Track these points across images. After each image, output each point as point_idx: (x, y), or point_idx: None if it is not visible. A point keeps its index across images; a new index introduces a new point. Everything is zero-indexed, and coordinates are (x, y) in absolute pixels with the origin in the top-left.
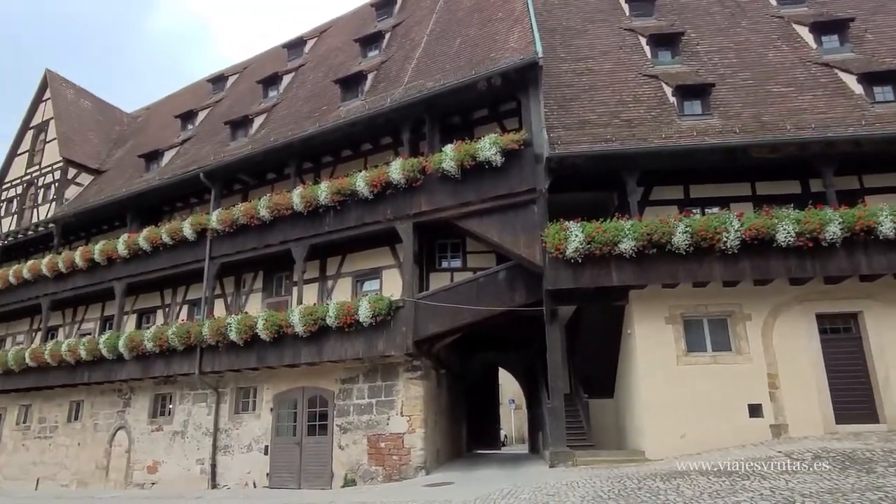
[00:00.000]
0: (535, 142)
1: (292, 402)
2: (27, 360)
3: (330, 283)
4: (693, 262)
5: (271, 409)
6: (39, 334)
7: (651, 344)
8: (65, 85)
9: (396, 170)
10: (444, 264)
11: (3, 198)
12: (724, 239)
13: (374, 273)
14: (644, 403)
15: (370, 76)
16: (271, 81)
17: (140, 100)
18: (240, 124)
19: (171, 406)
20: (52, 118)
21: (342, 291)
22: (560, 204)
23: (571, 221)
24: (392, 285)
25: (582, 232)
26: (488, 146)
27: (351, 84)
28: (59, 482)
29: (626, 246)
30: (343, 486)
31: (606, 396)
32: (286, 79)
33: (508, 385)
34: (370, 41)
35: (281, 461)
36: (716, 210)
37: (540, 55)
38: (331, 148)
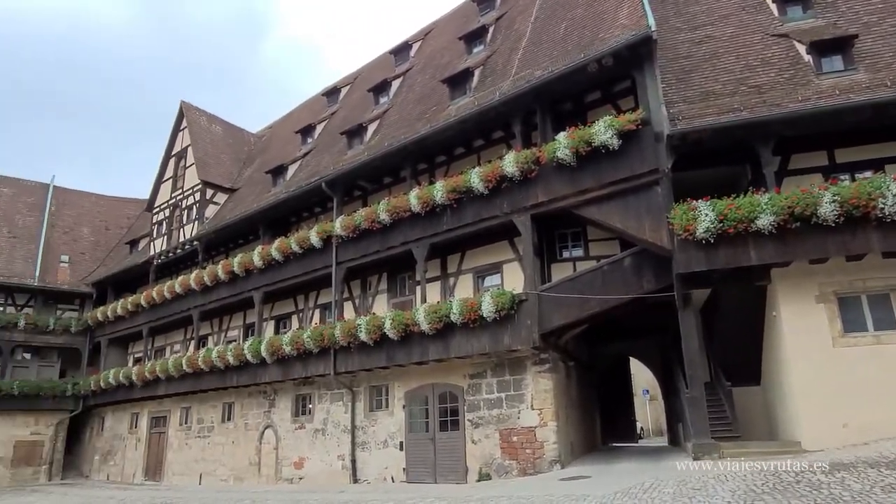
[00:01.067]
0: (653, 120)
1: (423, 399)
2: (184, 367)
3: (451, 280)
4: (845, 234)
5: (403, 406)
6: (193, 343)
7: (801, 326)
8: (198, 113)
9: (510, 163)
10: (566, 254)
11: (154, 221)
12: (881, 205)
13: (495, 268)
14: (797, 390)
15: (477, 72)
16: (381, 88)
17: (262, 120)
18: (355, 133)
19: (310, 405)
20: (189, 145)
21: (464, 288)
22: (685, 183)
23: (700, 200)
24: (513, 279)
25: (713, 210)
26: (603, 129)
27: (458, 82)
28: (219, 477)
29: (765, 221)
30: (478, 481)
31: (752, 384)
32: (395, 84)
33: (641, 375)
34: (474, 37)
35: (416, 456)
36: (868, 174)
37: (653, 29)
38: (443, 147)
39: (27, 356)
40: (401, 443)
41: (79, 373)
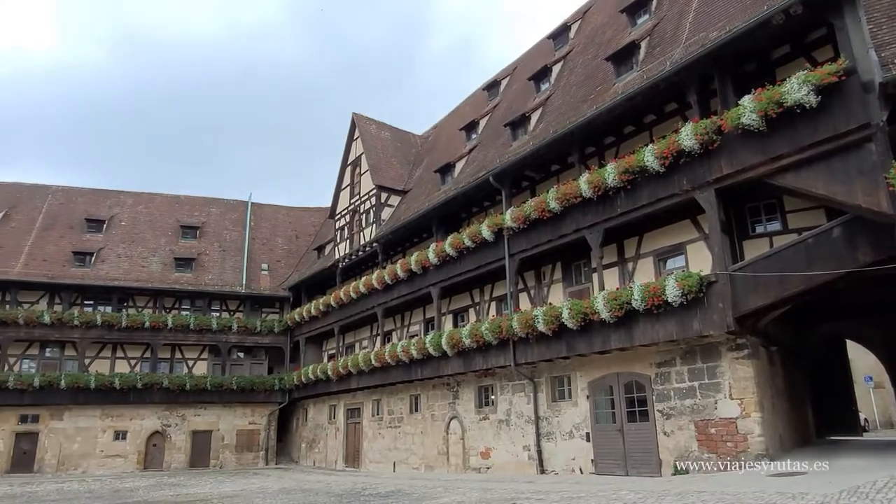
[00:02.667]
0: (860, 68)
1: (607, 389)
2: (373, 361)
3: (630, 265)
4: None
5: (587, 397)
6: (378, 338)
7: None
8: (367, 122)
9: (688, 135)
10: (759, 229)
11: (336, 227)
12: None
13: (677, 249)
14: None
15: (643, 44)
16: (542, 75)
17: (427, 121)
18: (518, 123)
19: (493, 397)
20: (362, 153)
21: (644, 272)
22: None
23: None
24: (699, 260)
25: None
26: (797, 87)
27: (624, 57)
28: (411, 465)
29: None
30: (674, 474)
31: None
32: (556, 69)
33: (862, 359)
34: (637, 7)
35: (604, 448)
36: None
37: None
38: (611, 128)
39: (240, 355)
40: (587, 433)
41: (283, 369)
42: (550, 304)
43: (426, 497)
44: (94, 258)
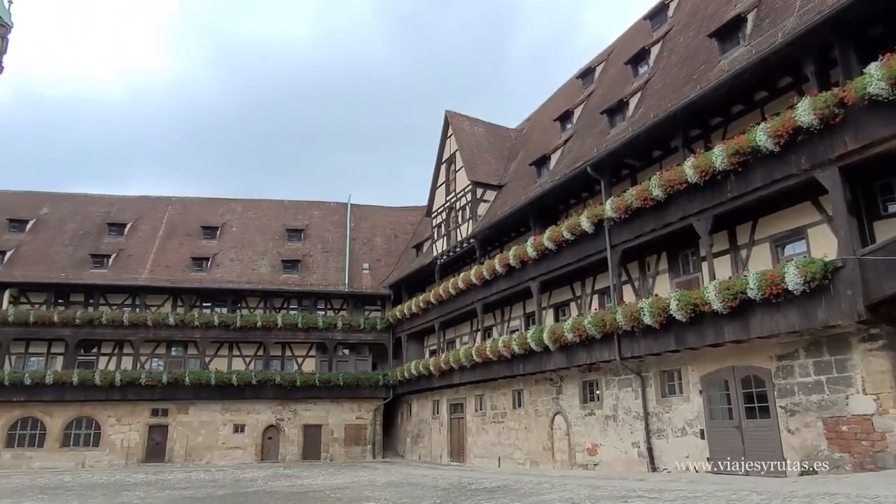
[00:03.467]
0: None
1: (722, 384)
2: (474, 357)
3: (743, 252)
4: None
5: (700, 392)
6: (479, 334)
7: None
8: (461, 119)
9: (805, 110)
10: (893, 208)
11: (433, 225)
12: None
13: (796, 234)
14: None
15: (750, 16)
16: (640, 58)
17: (519, 114)
18: (616, 110)
19: (598, 392)
20: (456, 150)
21: (759, 260)
22: None
23: None
24: (822, 244)
25: None
26: None
27: (729, 32)
28: (516, 461)
29: None
30: (801, 475)
31: None
32: (654, 50)
33: None
34: None
35: (720, 445)
36: None
37: None
38: (718, 108)
39: (346, 352)
40: (701, 430)
41: (386, 365)
42: (657, 295)
43: (532, 493)
44: (209, 263)
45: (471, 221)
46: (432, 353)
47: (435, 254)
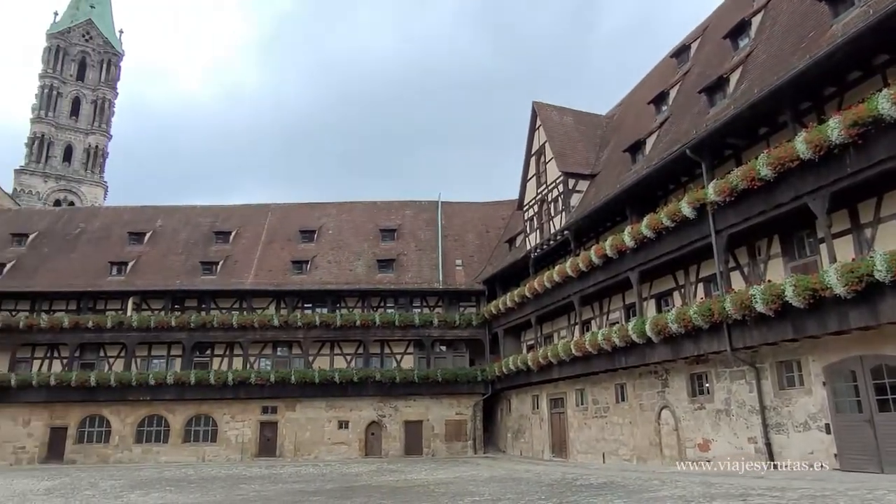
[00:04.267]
0: None
1: (849, 374)
2: (573, 351)
3: (868, 231)
4: None
5: (823, 383)
6: (577, 327)
7: None
8: (549, 109)
9: None
10: None
11: (525, 218)
12: None
13: None
14: None
15: None
16: (739, 31)
17: (608, 101)
18: (715, 88)
19: (707, 385)
20: (545, 141)
21: (887, 239)
22: None
23: None
24: None
25: None
26: None
27: None
28: (621, 457)
29: None
30: None
31: None
32: (755, 21)
33: None
34: None
35: (849, 441)
36: None
37: None
38: (831, 77)
39: (443, 348)
40: (826, 425)
41: (483, 361)
42: (769, 281)
43: (642, 490)
44: (309, 265)
45: (564, 213)
46: (530, 347)
47: (528, 247)
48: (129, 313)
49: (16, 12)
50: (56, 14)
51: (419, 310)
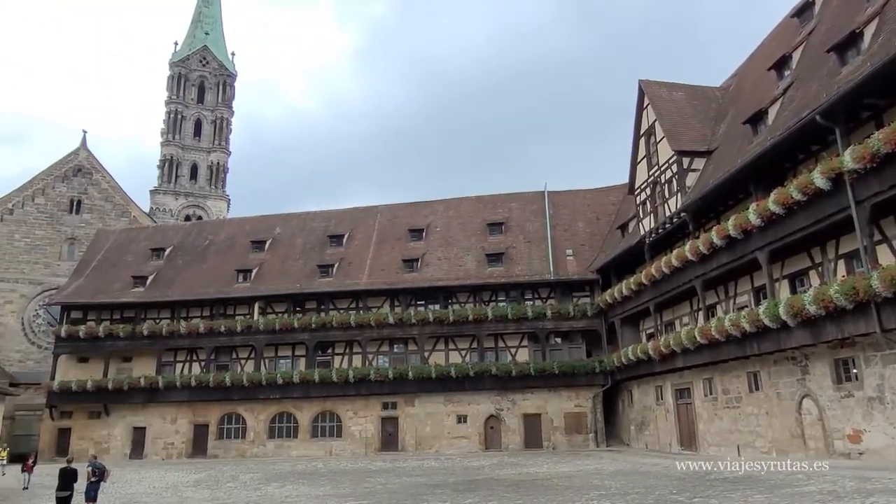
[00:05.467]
0: None
1: None
2: (697, 338)
3: None
4: None
5: None
6: (700, 313)
7: None
8: (657, 87)
9: None
10: None
11: (637, 202)
12: None
13: None
14: None
15: None
16: None
17: (722, 72)
18: (847, 44)
19: (855, 370)
20: (655, 120)
21: None
22: None
23: None
24: None
25: None
26: None
27: None
28: (759, 449)
29: None
30: None
31: None
32: None
33: None
34: None
35: None
36: None
37: None
38: None
39: (558, 340)
40: None
41: (601, 352)
42: None
43: (784, 485)
44: (419, 263)
45: (679, 194)
46: (650, 336)
47: (642, 233)
48: (255, 317)
49: (140, 48)
50: (176, 44)
51: (531, 302)
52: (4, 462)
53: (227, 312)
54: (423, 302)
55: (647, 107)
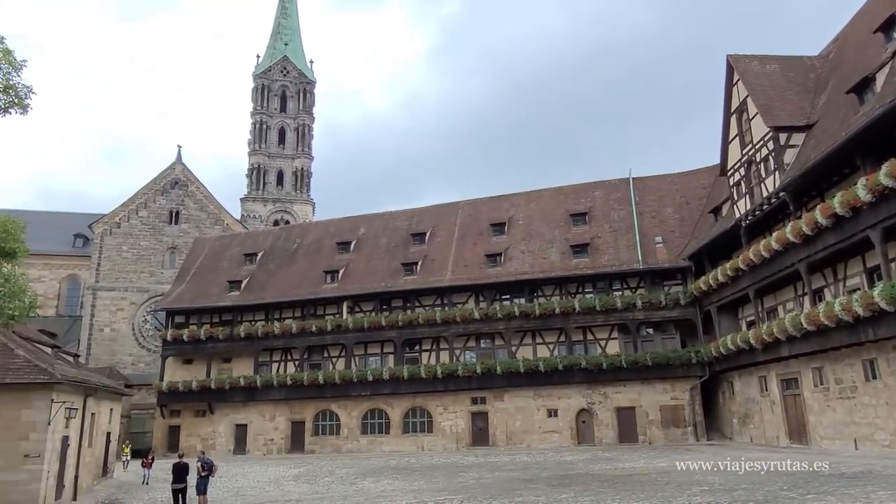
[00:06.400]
0: None
1: None
2: (804, 324)
3: None
4: None
5: None
6: (806, 298)
7: None
8: (747, 60)
9: None
10: None
11: (731, 184)
12: None
13: None
14: None
15: None
16: None
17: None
18: None
19: None
20: (747, 96)
21: None
22: None
23: None
24: None
25: None
26: None
27: None
28: (879, 442)
29: None
30: None
31: None
32: None
33: None
34: None
35: None
36: None
37: None
38: None
39: (649, 331)
40: None
41: (696, 341)
42: None
43: None
44: (503, 257)
45: (777, 173)
46: (750, 324)
47: (737, 215)
48: (344, 316)
49: (222, 63)
50: (258, 57)
51: (620, 293)
52: (128, 458)
53: (317, 312)
54: (507, 296)
55: (737, 83)
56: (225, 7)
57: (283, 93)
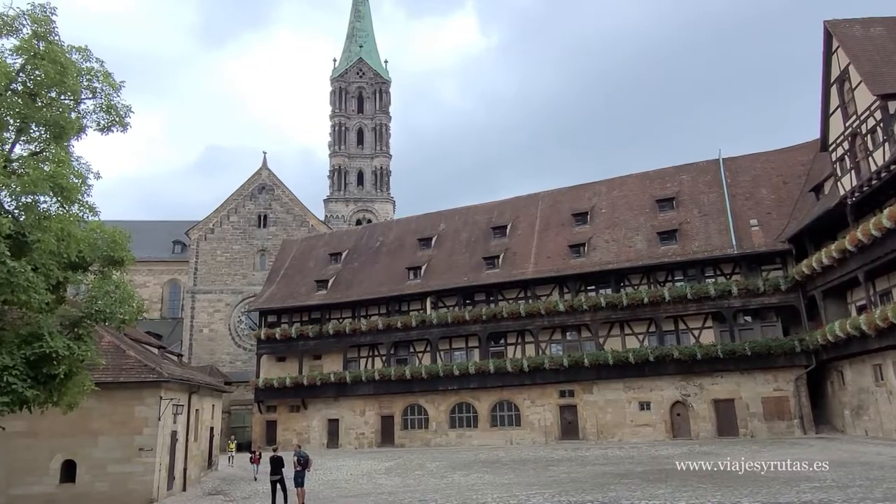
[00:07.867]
0: None
1: None
2: None
3: None
4: None
5: None
6: None
7: None
8: (848, 25)
9: None
10: None
11: (833, 159)
12: None
13: None
14: None
15: None
16: None
17: None
18: None
19: None
20: (849, 63)
21: None
22: None
23: None
24: None
25: None
26: None
27: None
28: None
29: None
30: None
31: None
32: None
33: None
34: None
35: None
36: None
37: None
38: None
39: (747, 319)
40: None
41: (800, 329)
42: None
43: None
44: (586, 247)
45: (886, 145)
46: (860, 309)
47: (842, 193)
48: (428, 312)
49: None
50: (335, 61)
51: (713, 279)
52: (233, 453)
53: (401, 309)
54: (593, 287)
55: (836, 50)
56: (306, 18)
57: (360, 94)
